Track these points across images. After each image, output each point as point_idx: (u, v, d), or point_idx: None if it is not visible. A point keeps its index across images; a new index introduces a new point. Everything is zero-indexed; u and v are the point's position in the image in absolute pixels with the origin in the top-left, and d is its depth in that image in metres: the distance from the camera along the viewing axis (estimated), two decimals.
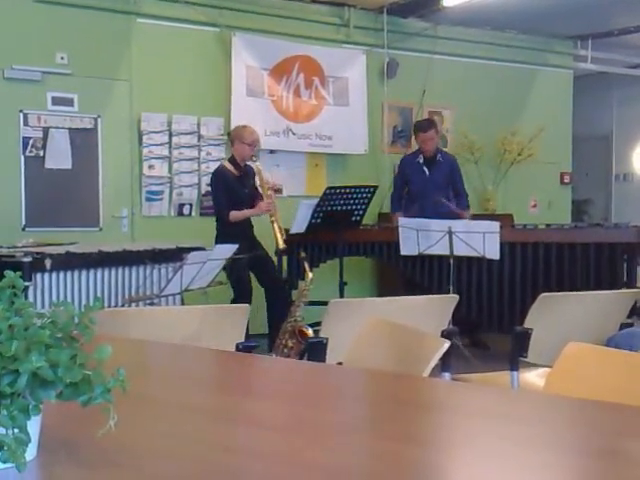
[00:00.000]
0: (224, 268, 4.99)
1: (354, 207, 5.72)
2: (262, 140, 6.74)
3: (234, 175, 5.51)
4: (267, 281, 5.64)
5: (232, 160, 5.58)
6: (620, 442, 1.36)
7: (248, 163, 5.56)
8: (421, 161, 6.14)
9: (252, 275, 5.60)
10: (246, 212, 5.45)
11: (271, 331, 5.39)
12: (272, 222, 5.36)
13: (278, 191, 5.51)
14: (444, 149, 6.47)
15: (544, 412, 1.59)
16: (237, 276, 5.36)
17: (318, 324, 3.24)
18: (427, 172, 6.12)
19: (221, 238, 5.41)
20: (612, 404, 1.58)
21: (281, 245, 5.37)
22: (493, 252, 5.16)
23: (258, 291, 5.63)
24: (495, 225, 5.21)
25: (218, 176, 5.54)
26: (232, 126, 6.63)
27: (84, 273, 4.48)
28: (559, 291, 4.66)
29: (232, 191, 5.45)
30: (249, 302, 5.26)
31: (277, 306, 5.41)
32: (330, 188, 5.71)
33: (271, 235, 5.42)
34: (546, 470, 1.20)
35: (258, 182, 5.57)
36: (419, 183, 6.12)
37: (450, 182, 6.16)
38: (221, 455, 1.25)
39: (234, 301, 5.39)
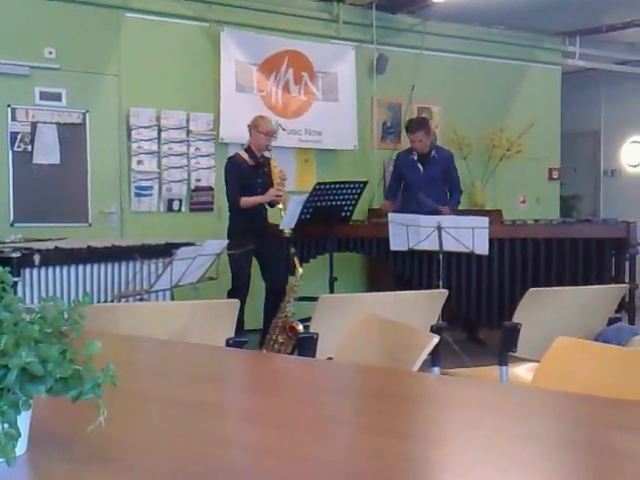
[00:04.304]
0: (229, 257, 5.09)
1: (344, 202, 5.72)
2: None
3: (248, 164, 5.55)
4: (268, 276, 5.66)
5: (248, 149, 5.62)
6: (608, 435, 1.37)
7: (264, 153, 5.58)
8: (415, 158, 6.14)
9: (253, 268, 5.64)
10: (256, 198, 5.47)
11: (265, 327, 5.39)
12: (281, 210, 5.39)
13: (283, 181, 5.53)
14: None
15: (532, 406, 1.60)
16: (237, 267, 5.42)
17: (308, 319, 3.24)
18: (421, 169, 6.13)
19: (232, 226, 5.58)
20: (600, 398, 1.59)
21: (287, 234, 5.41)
22: (482, 247, 5.17)
23: (256, 287, 5.65)
24: (484, 220, 5.21)
25: (230, 164, 5.62)
26: (221, 122, 6.65)
27: (73, 269, 4.45)
28: (548, 286, 4.69)
29: (244, 179, 5.50)
30: (244, 295, 5.35)
31: (274, 303, 5.39)
32: (320, 184, 5.71)
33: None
34: (534, 463, 1.21)
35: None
36: (414, 179, 6.12)
37: (447, 178, 6.18)
38: (211, 449, 1.26)
39: (230, 292, 5.45)
